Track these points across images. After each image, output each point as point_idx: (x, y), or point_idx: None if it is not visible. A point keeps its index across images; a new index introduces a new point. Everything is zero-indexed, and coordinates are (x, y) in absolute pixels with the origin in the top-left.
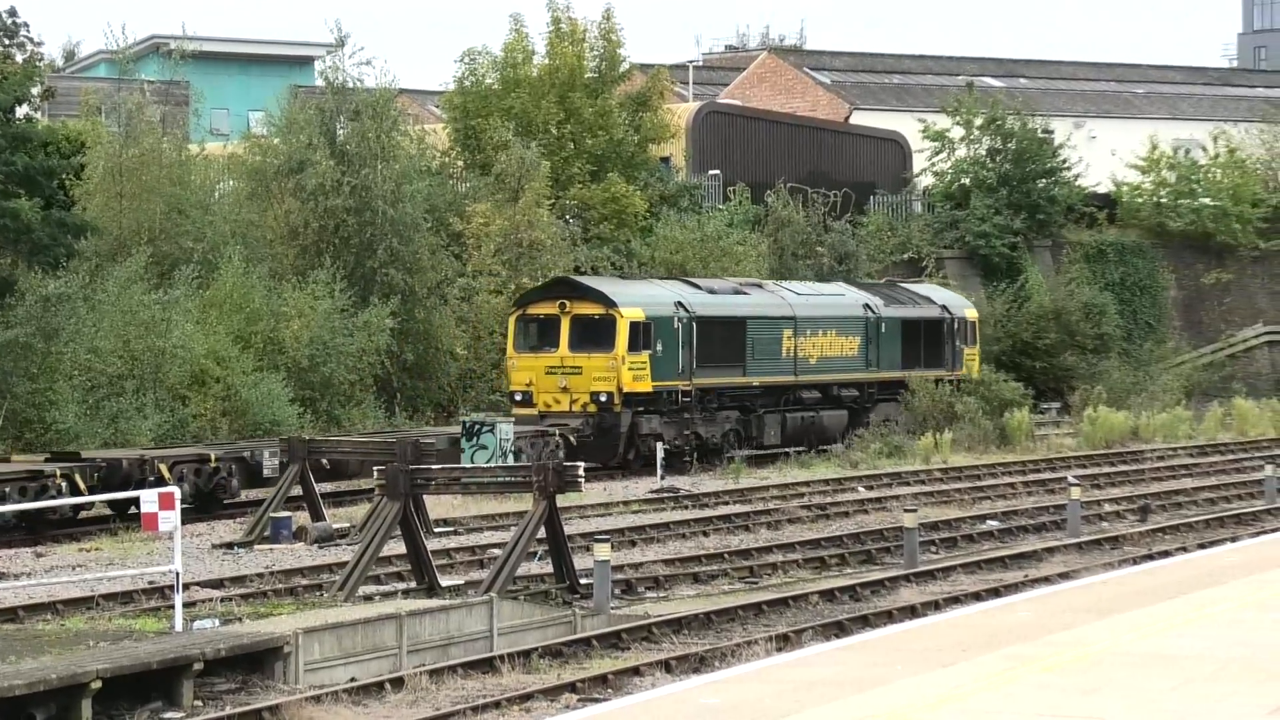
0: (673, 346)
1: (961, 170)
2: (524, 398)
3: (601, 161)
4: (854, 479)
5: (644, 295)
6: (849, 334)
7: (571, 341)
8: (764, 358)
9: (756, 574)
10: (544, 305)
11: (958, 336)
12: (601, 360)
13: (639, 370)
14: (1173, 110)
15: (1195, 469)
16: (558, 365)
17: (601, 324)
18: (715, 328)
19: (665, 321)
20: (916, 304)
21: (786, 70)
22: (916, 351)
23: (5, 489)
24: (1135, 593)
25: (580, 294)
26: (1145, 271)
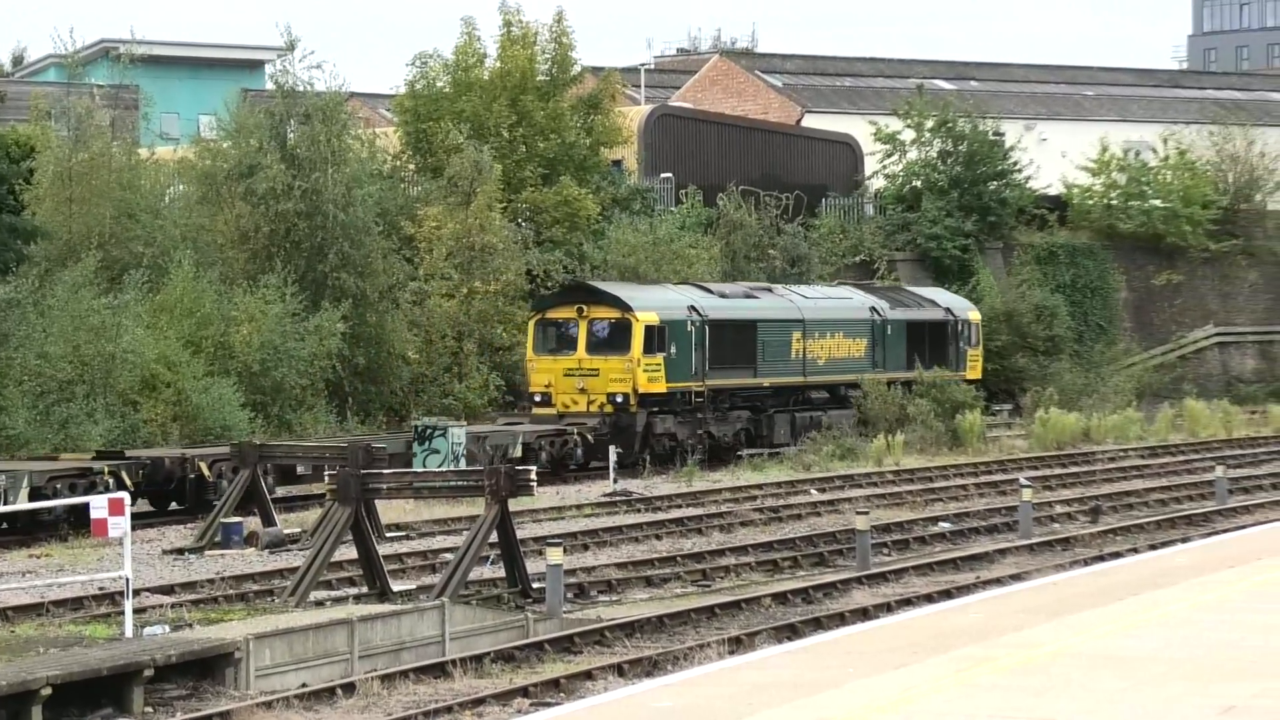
0: (686, 349)
1: (913, 173)
2: (543, 399)
3: (553, 165)
4: (806, 481)
5: (658, 299)
6: (856, 336)
7: (589, 344)
8: (774, 359)
9: (709, 577)
10: (562, 310)
11: (961, 338)
12: (618, 362)
13: (654, 372)
14: (1123, 112)
15: (1146, 470)
16: (576, 367)
17: (618, 327)
18: (727, 330)
19: (679, 325)
20: (921, 306)
21: (738, 73)
22: (921, 352)
23: (57, 485)
24: (1087, 594)
25: (597, 299)
26: (1096, 273)
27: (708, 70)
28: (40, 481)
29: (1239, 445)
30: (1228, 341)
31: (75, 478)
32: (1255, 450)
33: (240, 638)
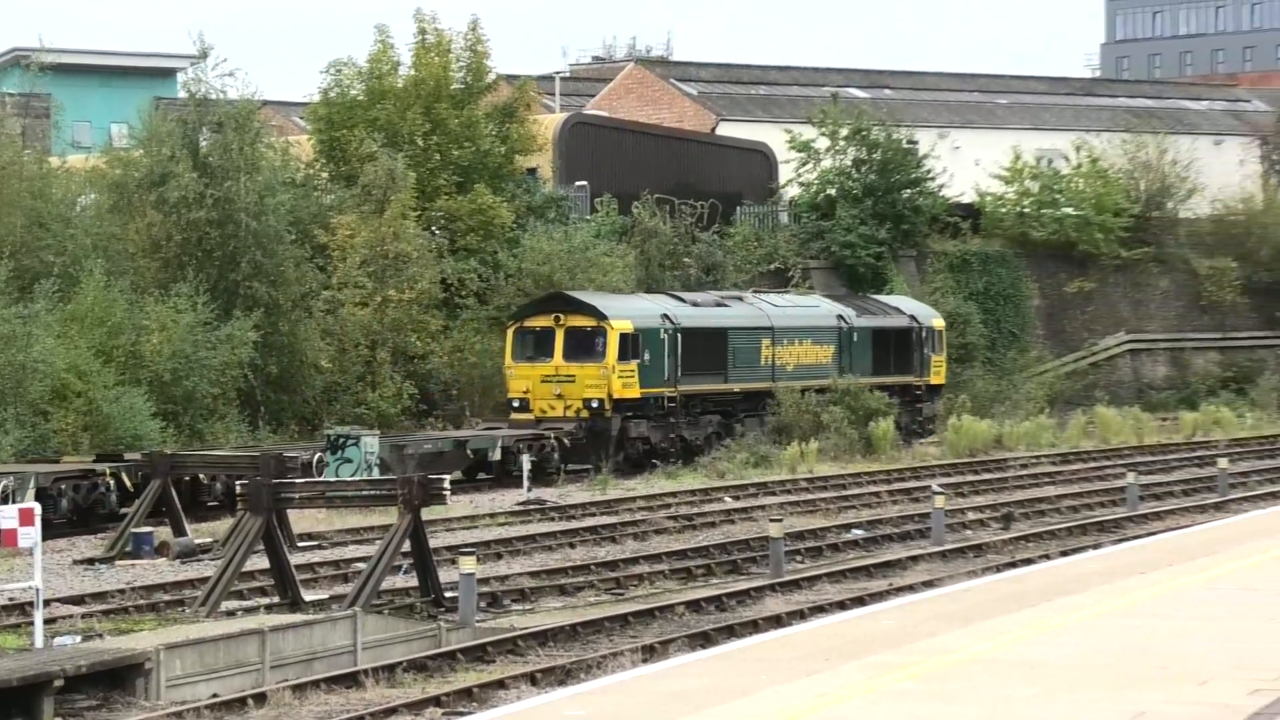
0: (659, 356)
1: (827, 181)
2: (521, 404)
3: (468, 173)
4: (721, 489)
5: (632, 308)
6: (823, 343)
7: (565, 352)
8: (744, 365)
9: (623, 585)
10: (540, 318)
11: (926, 344)
12: (593, 369)
13: (628, 378)
14: (1036, 121)
15: (1058, 477)
16: (553, 374)
17: (593, 335)
18: (698, 338)
19: (652, 333)
20: (887, 314)
21: (653, 81)
22: (887, 359)
23: (62, 486)
24: (998, 600)
25: (573, 308)
26: (1009, 281)
27: (623, 78)
28: (46, 482)
29: (1150, 452)
30: (1139, 349)
31: (79, 479)
32: (1166, 457)
33: (151, 648)
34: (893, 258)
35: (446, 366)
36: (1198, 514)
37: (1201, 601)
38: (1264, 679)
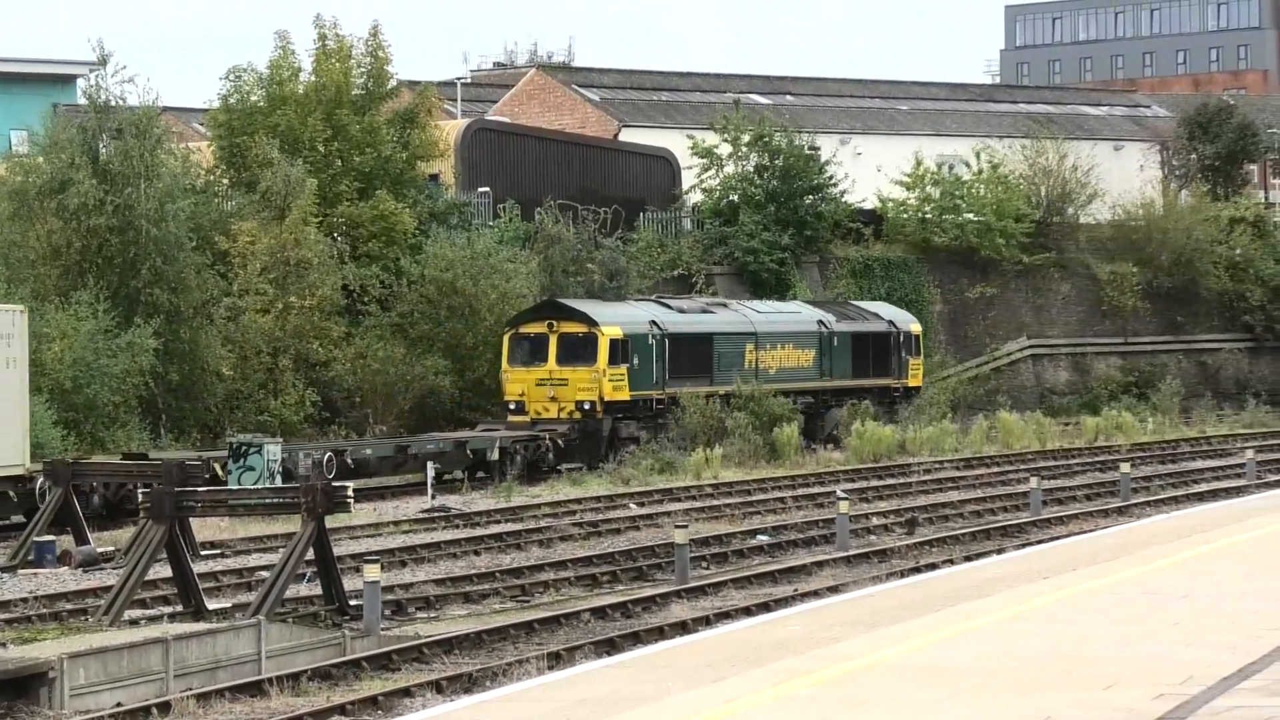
0: (648, 360)
1: (730, 187)
2: (517, 406)
3: (369, 179)
4: (625, 496)
5: (622, 315)
6: (805, 347)
7: (559, 356)
8: (729, 369)
9: (528, 592)
10: (534, 325)
11: (904, 348)
12: (585, 373)
13: (618, 381)
14: (937, 126)
15: (961, 482)
16: (547, 377)
17: (585, 341)
18: (685, 343)
19: (641, 338)
20: (866, 319)
21: (555, 87)
22: (866, 362)
23: (92, 484)
24: (903, 605)
25: (566, 315)
26: (911, 286)
27: (525, 84)
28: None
29: (1053, 457)
30: (1041, 354)
31: (106, 477)
32: (1069, 462)
33: (54, 657)
34: (796, 263)
35: (349, 373)
36: (1101, 518)
37: (1106, 606)
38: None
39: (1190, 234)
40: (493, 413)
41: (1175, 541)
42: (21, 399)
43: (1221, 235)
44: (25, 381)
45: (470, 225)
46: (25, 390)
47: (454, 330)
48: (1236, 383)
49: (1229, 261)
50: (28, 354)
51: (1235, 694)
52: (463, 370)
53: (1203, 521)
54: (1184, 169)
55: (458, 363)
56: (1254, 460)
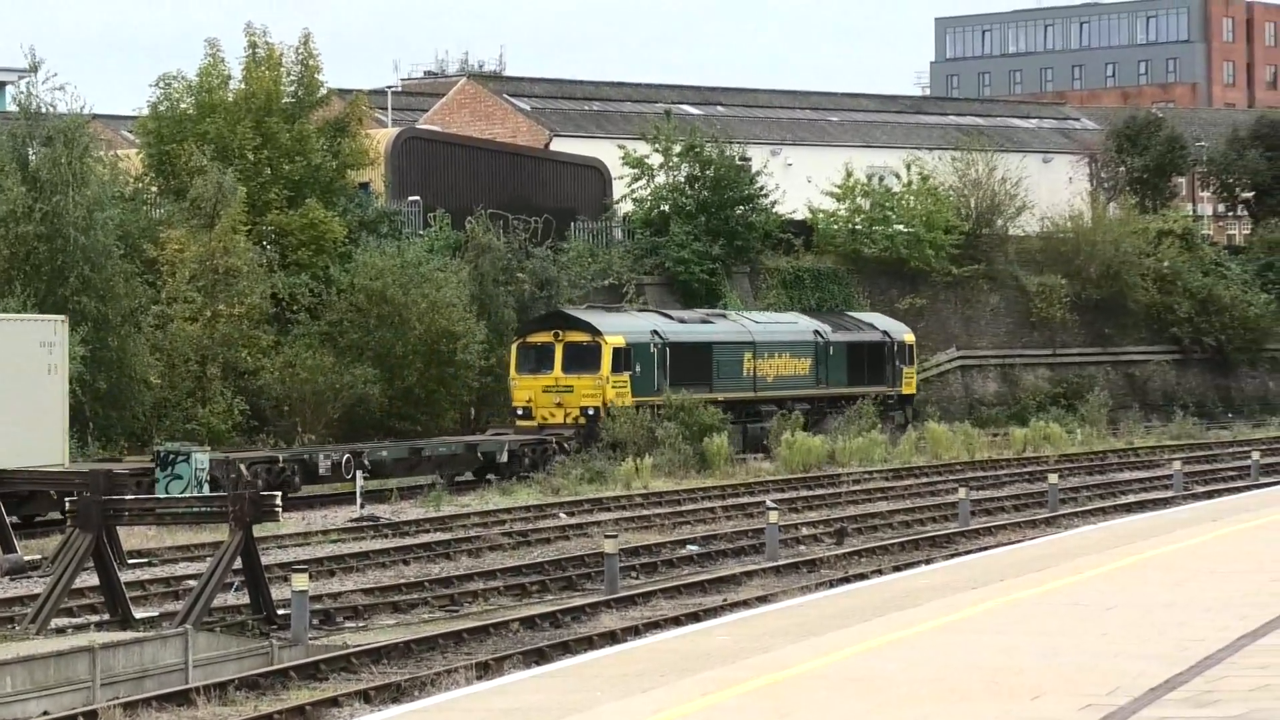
0: (649, 368)
1: (661, 197)
2: (525, 412)
3: (299, 187)
4: (555, 505)
5: (625, 325)
6: (801, 356)
7: (564, 364)
8: (727, 377)
9: (457, 602)
10: (541, 334)
11: (898, 357)
12: (589, 380)
13: (621, 388)
14: (867, 138)
15: (890, 492)
16: (553, 384)
17: (589, 349)
18: (685, 352)
19: (643, 347)
20: (861, 330)
21: (486, 96)
22: (861, 371)
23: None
24: (832, 615)
25: (571, 324)
26: (841, 297)
27: (455, 93)
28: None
29: (981, 467)
30: (970, 365)
31: (141, 475)
32: (997, 472)
33: None
34: (726, 274)
35: (278, 382)
36: (1029, 529)
37: (1033, 616)
38: (1096, 694)
39: (1118, 246)
40: (422, 423)
41: (1103, 552)
42: (62, 403)
43: (1149, 248)
44: (65, 387)
45: (400, 234)
46: (65, 395)
47: (383, 339)
48: (1164, 395)
49: (1157, 274)
50: (68, 362)
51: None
52: (392, 379)
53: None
54: (1112, 181)
55: (387, 372)
56: (1181, 472)
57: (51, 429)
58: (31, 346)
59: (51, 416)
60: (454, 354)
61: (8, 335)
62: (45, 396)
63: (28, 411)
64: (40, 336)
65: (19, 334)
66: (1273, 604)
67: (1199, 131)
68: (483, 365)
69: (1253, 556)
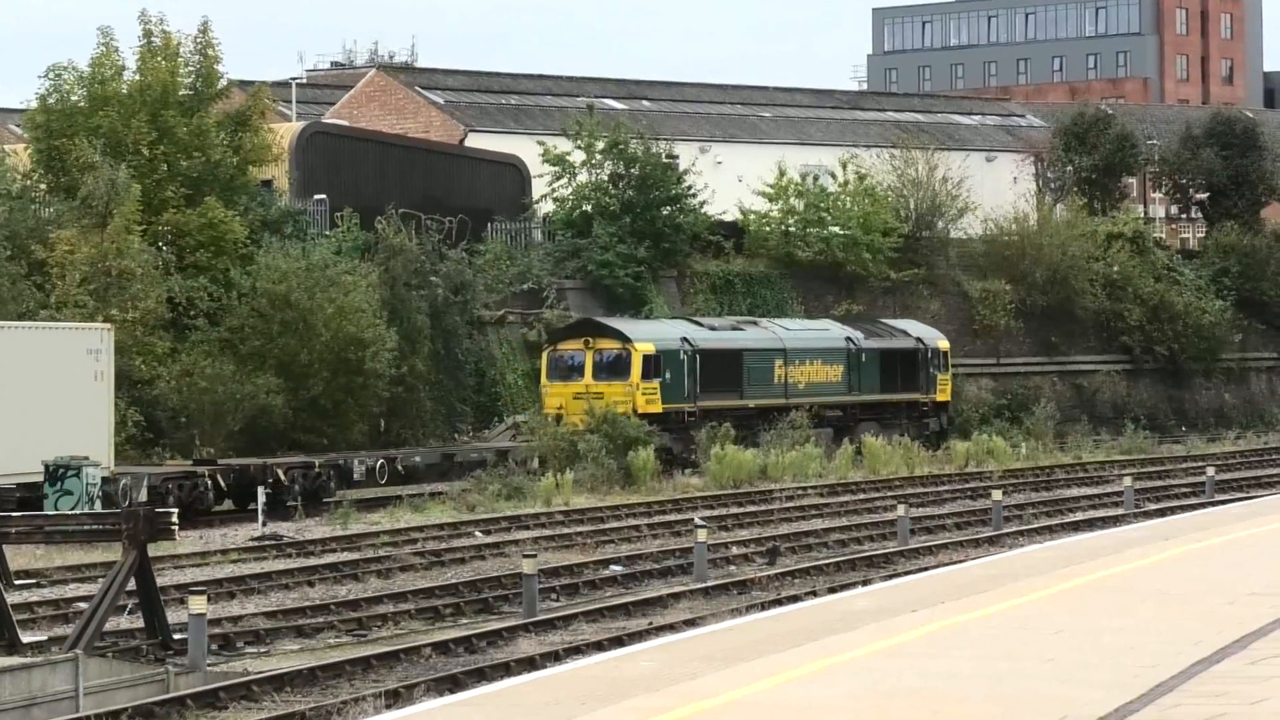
0: (679, 375)
1: (583, 196)
2: (555, 419)
3: (198, 184)
4: (471, 523)
5: (654, 332)
6: (833, 363)
7: (594, 372)
8: (758, 384)
9: (365, 626)
10: (571, 343)
11: (931, 364)
12: (619, 387)
13: (651, 395)
14: (801, 135)
15: (826, 509)
16: (583, 392)
17: (619, 357)
18: (716, 359)
19: (673, 354)
20: (894, 336)
21: (397, 89)
22: (894, 378)
23: (169, 485)
24: (763, 639)
25: (601, 332)
26: (774, 303)
27: (364, 85)
28: (156, 482)
29: (921, 483)
30: None
31: (182, 479)
32: (938, 489)
33: None
34: (653, 278)
35: (175, 392)
36: (971, 549)
37: (977, 640)
38: None
39: (1065, 250)
40: (328, 435)
41: (1049, 573)
42: (108, 408)
43: (1098, 252)
44: (111, 392)
45: (305, 235)
46: (111, 400)
47: (287, 347)
48: (1114, 406)
49: (1106, 279)
50: (114, 369)
51: None
52: (297, 389)
53: (1078, 552)
54: (1059, 182)
55: (291, 381)
56: (1132, 488)
57: (98, 434)
58: (79, 354)
59: (97, 421)
60: (363, 362)
61: (56, 343)
62: (91, 403)
63: (74, 418)
64: (87, 344)
65: (66, 342)
66: (1228, 628)
67: (1151, 129)
68: (393, 374)
69: (1207, 578)
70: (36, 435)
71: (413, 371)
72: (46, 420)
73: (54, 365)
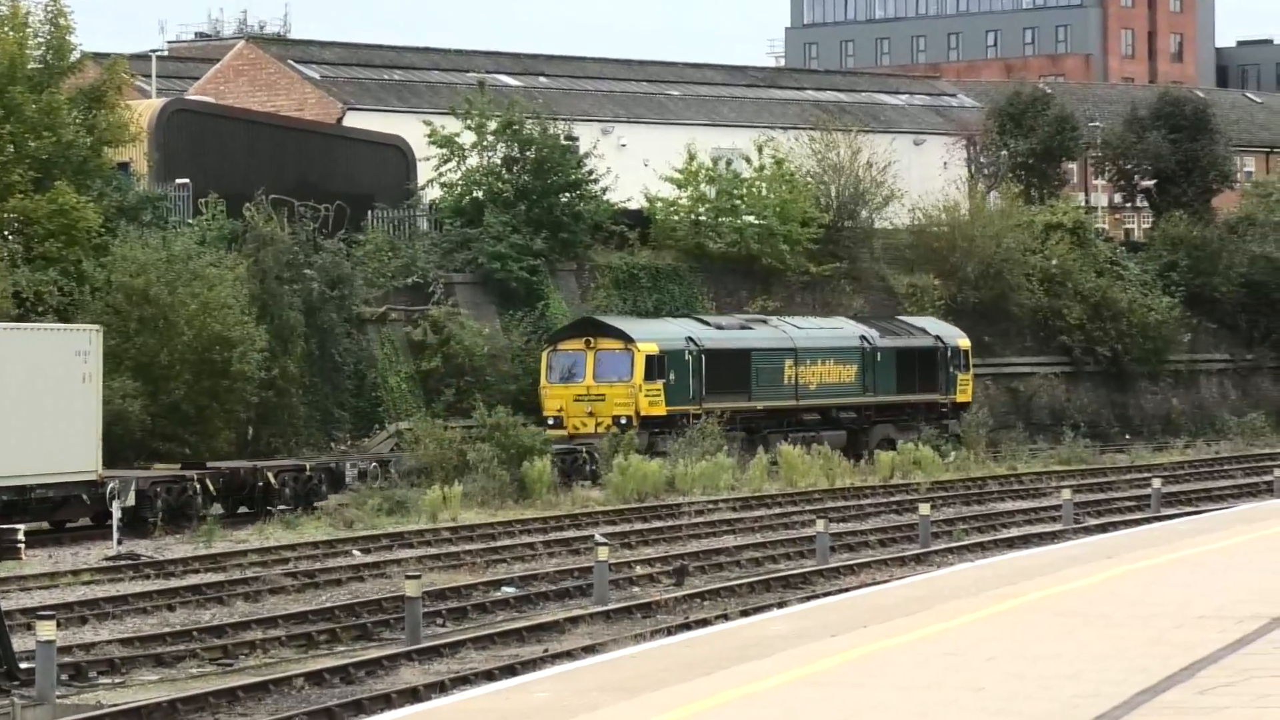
0: (684, 375)
1: (473, 182)
2: (556, 421)
3: (47, 167)
4: (348, 541)
5: (658, 332)
6: (846, 363)
7: (596, 373)
8: (767, 385)
9: (232, 654)
10: (572, 342)
11: (951, 364)
12: (621, 388)
13: (654, 396)
14: (712, 115)
15: (738, 525)
16: (584, 393)
17: (621, 357)
18: (722, 359)
19: (677, 354)
20: (911, 335)
21: (268, 63)
22: (911, 378)
23: (157, 489)
24: (669, 667)
25: (602, 332)
26: (682, 299)
27: (232, 59)
28: (144, 485)
29: (843, 496)
30: None
31: (170, 483)
32: (860, 502)
33: None
34: (550, 271)
35: None
36: (896, 567)
37: (902, 668)
38: None
39: (1000, 242)
40: (191, 444)
41: (981, 594)
42: (96, 410)
43: (1035, 244)
44: (99, 395)
45: (166, 223)
46: (99, 402)
47: (146, 346)
48: (1052, 412)
49: (1044, 274)
50: (101, 370)
51: None
52: (156, 393)
53: (1013, 571)
54: (994, 167)
55: (150, 384)
56: (1071, 502)
57: (86, 437)
58: (67, 355)
59: (85, 425)
60: (229, 364)
61: (44, 345)
62: (79, 405)
63: (62, 420)
64: (75, 346)
65: (55, 343)
66: (1175, 654)
67: (1093, 110)
68: (263, 377)
69: (1153, 600)
70: (25, 438)
71: (284, 374)
72: (36, 423)
73: (43, 367)
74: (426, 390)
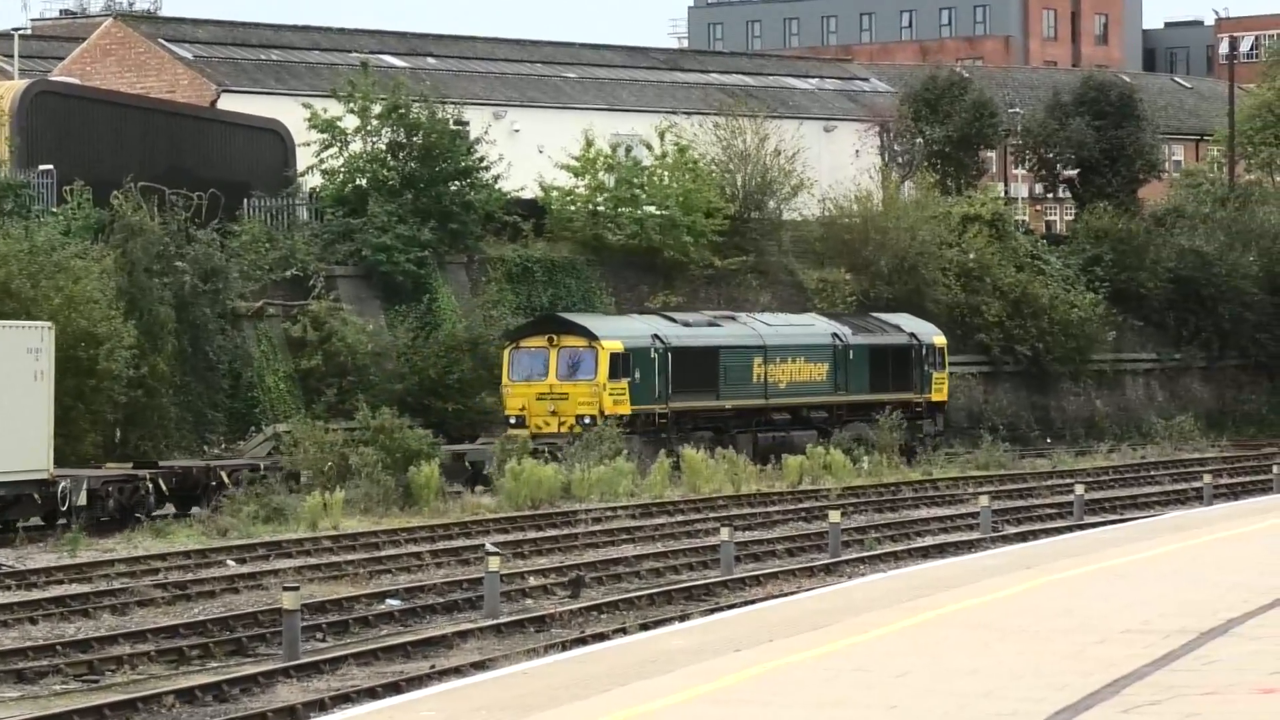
0: (650, 374)
1: (356, 169)
2: (518, 421)
3: None
4: (222, 550)
5: (623, 329)
6: (817, 361)
7: (559, 371)
8: (736, 383)
9: (98, 670)
10: (535, 339)
11: (926, 362)
12: (585, 387)
13: (619, 395)
14: (611, 99)
15: (638, 533)
16: (547, 392)
17: (585, 355)
18: (689, 356)
19: (642, 352)
20: (885, 332)
21: (138, 41)
22: (884, 376)
23: (109, 489)
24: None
25: (566, 329)
26: (580, 293)
27: (99, 37)
28: (96, 485)
29: (749, 503)
30: None
31: (123, 482)
32: (768, 509)
33: None
34: (439, 264)
35: None
36: (805, 578)
37: (809, 684)
38: None
39: (914, 234)
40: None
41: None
42: (47, 409)
43: (952, 237)
44: (51, 393)
45: (28, 212)
46: (51, 400)
47: None
48: (968, 414)
49: (961, 268)
50: (54, 368)
51: None
52: None
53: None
54: (908, 156)
55: None
56: (989, 509)
57: (37, 435)
58: (19, 353)
59: (37, 423)
60: (95, 362)
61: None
62: (31, 403)
63: (13, 418)
64: (27, 343)
65: (6, 340)
66: (1098, 671)
67: (1013, 95)
68: (131, 376)
69: (1075, 612)
70: None
71: (154, 373)
72: None
73: None
74: (306, 390)
